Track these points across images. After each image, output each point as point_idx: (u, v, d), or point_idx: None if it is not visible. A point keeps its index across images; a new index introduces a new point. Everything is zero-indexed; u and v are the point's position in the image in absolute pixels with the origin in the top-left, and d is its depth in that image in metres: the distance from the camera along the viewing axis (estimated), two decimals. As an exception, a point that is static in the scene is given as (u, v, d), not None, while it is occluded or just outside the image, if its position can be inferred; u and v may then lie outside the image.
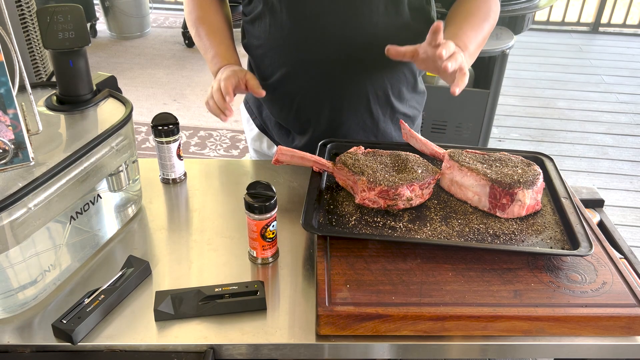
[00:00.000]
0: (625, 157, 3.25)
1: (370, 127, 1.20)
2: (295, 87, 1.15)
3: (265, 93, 1.07)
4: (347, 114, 1.17)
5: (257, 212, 0.86)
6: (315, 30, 1.08)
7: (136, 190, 1.03)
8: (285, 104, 1.19)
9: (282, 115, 1.22)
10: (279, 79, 1.15)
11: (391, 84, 1.16)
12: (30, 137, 0.76)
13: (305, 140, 1.21)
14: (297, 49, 1.11)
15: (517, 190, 0.92)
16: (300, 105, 1.17)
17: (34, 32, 1.34)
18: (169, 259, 0.93)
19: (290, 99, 1.17)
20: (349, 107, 1.16)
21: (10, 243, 0.75)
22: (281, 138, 1.27)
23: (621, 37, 5.04)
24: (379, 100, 1.17)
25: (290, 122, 1.22)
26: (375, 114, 1.18)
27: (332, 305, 0.77)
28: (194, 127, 3.41)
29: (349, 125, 1.18)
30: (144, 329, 0.80)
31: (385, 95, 1.17)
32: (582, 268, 0.86)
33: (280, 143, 1.28)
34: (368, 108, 1.17)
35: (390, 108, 1.20)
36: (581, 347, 0.80)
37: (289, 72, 1.14)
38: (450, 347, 0.79)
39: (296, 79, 1.14)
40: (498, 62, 2.59)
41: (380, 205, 0.94)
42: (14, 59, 0.73)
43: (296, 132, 1.23)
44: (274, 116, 1.24)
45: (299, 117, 1.19)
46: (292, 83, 1.15)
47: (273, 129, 1.28)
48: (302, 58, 1.11)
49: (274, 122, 1.26)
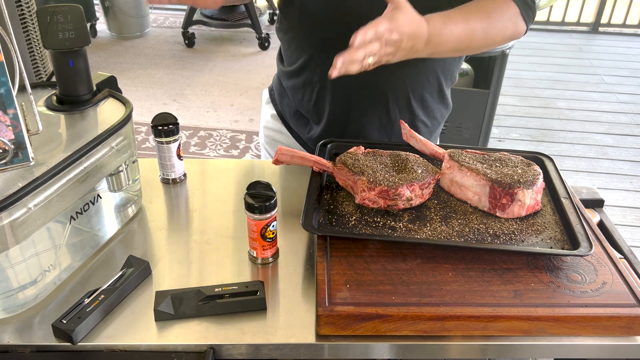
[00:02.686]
0: (625, 157, 3.25)
1: (386, 127, 1.19)
2: (317, 74, 1.16)
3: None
4: (364, 110, 1.17)
5: (257, 212, 0.86)
6: (343, 16, 1.06)
7: (136, 190, 1.03)
8: (306, 90, 1.19)
9: (302, 103, 1.22)
10: (303, 65, 1.16)
11: (412, 87, 1.15)
12: (30, 137, 0.76)
13: (321, 129, 1.21)
14: (324, 34, 1.10)
15: (517, 190, 0.92)
16: (320, 94, 1.17)
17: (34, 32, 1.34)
18: (169, 259, 0.93)
19: (311, 85, 1.18)
20: (366, 104, 1.16)
21: (10, 243, 0.75)
22: (299, 128, 1.28)
23: (621, 37, 5.04)
24: (399, 103, 1.16)
25: (310, 111, 1.22)
26: (393, 116, 1.18)
27: (332, 305, 0.77)
28: (194, 127, 3.41)
29: (364, 121, 1.18)
30: (144, 329, 0.80)
31: (406, 97, 1.16)
32: (582, 268, 0.86)
33: (298, 133, 1.29)
34: (386, 107, 1.16)
35: (410, 113, 1.18)
36: (581, 347, 0.80)
37: (312, 58, 1.14)
38: (450, 347, 0.79)
39: (318, 65, 1.14)
40: (498, 62, 2.59)
41: (380, 205, 0.94)
42: (14, 59, 0.73)
43: (314, 121, 1.23)
44: (295, 103, 1.25)
45: (318, 106, 1.19)
46: (314, 68, 1.15)
47: (291, 119, 1.28)
48: (328, 45, 1.08)
49: (293, 111, 1.27)
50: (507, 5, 1.02)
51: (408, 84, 1.14)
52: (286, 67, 1.23)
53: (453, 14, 0.99)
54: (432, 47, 0.96)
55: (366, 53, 0.86)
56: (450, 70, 1.18)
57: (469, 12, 1.00)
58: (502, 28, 1.02)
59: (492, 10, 1.01)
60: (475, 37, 1.00)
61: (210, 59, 4.32)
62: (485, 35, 1.01)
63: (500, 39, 1.03)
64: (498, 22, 1.01)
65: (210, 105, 3.67)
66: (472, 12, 1.00)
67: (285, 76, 1.25)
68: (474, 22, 0.99)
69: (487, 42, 1.03)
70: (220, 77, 4.06)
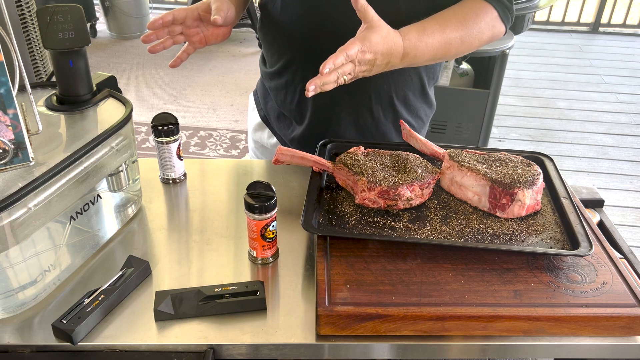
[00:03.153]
0: (625, 157, 3.25)
1: (369, 127, 1.20)
2: (298, 74, 1.16)
3: (220, 21, 1.01)
4: (347, 109, 1.17)
5: (257, 212, 0.86)
6: (322, 18, 1.07)
7: (136, 190, 1.03)
8: (288, 90, 1.19)
9: (285, 104, 1.22)
10: (284, 65, 1.16)
11: (395, 85, 1.15)
12: (30, 137, 0.76)
13: (303, 129, 1.21)
14: (304, 36, 1.10)
15: (517, 190, 0.92)
16: (302, 94, 1.17)
17: (34, 32, 1.34)
18: (169, 259, 0.93)
19: (293, 85, 1.18)
20: (349, 103, 1.16)
21: (10, 243, 0.75)
22: (281, 130, 1.28)
23: (621, 37, 5.04)
24: (382, 101, 1.17)
25: (292, 111, 1.22)
26: (376, 115, 1.18)
27: (332, 305, 0.77)
28: (194, 127, 3.41)
29: (347, 120, 1.18)
30: (144, 329, 0.80)
31: (389, 96, 1.16)
32: (582, 268, 0.86)
33: (280, 135, 1.29)
34: (369, 107, 1.17)
35: (394, 112, 1.19)
36: (581, 347, 0.80)
37: (294, 58, 1.14)
38: (450, 347, 0.79)
39: (300, 65, 1.14)
40: (498, 62, 2.59)
41: (380, 205, 0.94)
42: (14, 59, 0.73)
43: (297, 121, 1.23)
44: (278, 105, 1.25)
45: (300, 105, 1.19)
46: (296, 68, 1.15)
47: (274, 121, 1.28)
48: (308, 45, 1.11)
49: (276, 113, 1.27)
50: (485, 10, 1.02)
51: (391, 83, 1.15)
52: (268, 68, 1.23)
53: (429, 25, 0.99)
54: (409, 60, 0.99)
55: (339, 75, 0.89)
56: (433, 69, 1.19)
57: (445, 22, 1.00)
58: (479, 34, 1.02)
59: (469, 16, 1.01)
60: (452, 46, 1.01)
61: (210, 59, 4.32)
62: (462, 43, 1.02)
63: (477, 44, 1.04)
64: (475, 29, 1.02)
65: (210, 105, 3.67)
66: (449, 20, 1.01)
67: (267, 77, 1.25)
68: (450, 31, 1.00)
69: (463, 49, 1.04)
70: (220, 77, 4.07)
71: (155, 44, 1.04)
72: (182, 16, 1.03)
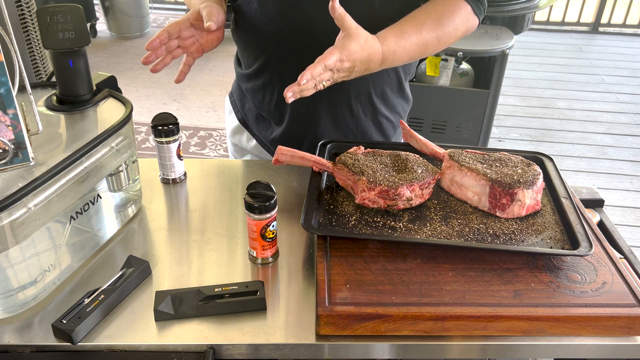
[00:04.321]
0: (625, 157, 3.25)
1: (349, 124, 1.20)
2: (276, 74, 1.16)
3: (214, 27, 1.01)
4: (326, 107, 1.17)
5: (257, 212, 0.87)
6: (299, 17, 1.07)
7: (136, 190, 1.03)
8: (266, 91, 1.19)
9: (263, 105, 1.22)
10: (261, 66, 1.16)
11: (373, 82, 1.16)
12: (30, 137, 0.76)
13: (282, 129, 1.21)
14: (280, 36, 1.10)
15: (517, 190, 0.92)
16: (280, 94, 1.15)
17: (34, 32, 1.34)
18: (169, 259, 0.93)
19: (271, 86, 1.18)
20: (328, 101, 1.16)
21: (10, 243, 0.75)
22: (260, 131, 1.27)
23: (621, 37, 5.04)
24: (361, 98, 1.17)
25: (271, 112, 1.22)
26: (356, 112, 1.18)
27: (332, 305, 0.77)
28: (194, 127, 3.41)
29: (327, 119, 1.18)
30: (143, 329, 0.80)
31: (367, 93, 1.17)
32: (582, 268, 0.86)
33: (259, 136, 1.28)
34: (348, 104, 1.17)
35: (372, 108, 1.19)
36: (581, 347, 0.80)
37: (271, 59, 1.14)
38: (450, 347, 0.79)
39: (277, 65, 1.14)
40: (498, 62, 2.59)
41: (380, 205, 0.94)
42: (14, 59, 0.73)
43: (276, 122, 1.23)
44: (256, 106, 1.25)
45: (279, 106, 1.19)
46: (273, 69, 1.15)
47: (253, 123, 1.28)
48: (285, 46, 1.11)
49: (255, 115, 1.26)
50: (459, 6, 1.04)
51: (369, 80, 1.15)
52: (244, 70, 1.22)
53: (405, 28, 1.01)
54: (387, 65, 1.02)
55: (317, 82, 0.91)
56: (409, 65, 1.20)
57: (420, 23, 1.02)
58: (454, 30, 1.05)
59: (444, 14, 1.03)
60: (429, 46, 1.04)
61: (210, 59, 4.32)
62: (438, 42, 1.05)
63: (453, 40, 1.07)
64: (450, 26, 1.04)
65: (210, 105, 3.67)
66: (424, 21, 1.03)
67: (243, 79, 1.24)
68: (427, 32, 1.02)
69: (440, 47, 1.07)
70: (220, 77, 4.07)
71: (156, 63, 1.05)
72: (176, 30, 1.04)
